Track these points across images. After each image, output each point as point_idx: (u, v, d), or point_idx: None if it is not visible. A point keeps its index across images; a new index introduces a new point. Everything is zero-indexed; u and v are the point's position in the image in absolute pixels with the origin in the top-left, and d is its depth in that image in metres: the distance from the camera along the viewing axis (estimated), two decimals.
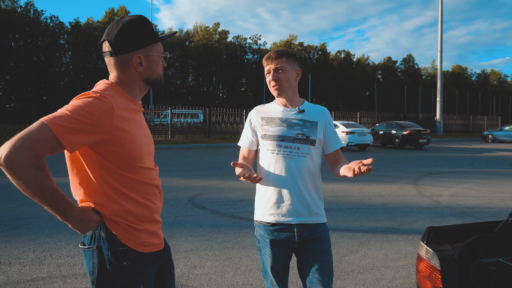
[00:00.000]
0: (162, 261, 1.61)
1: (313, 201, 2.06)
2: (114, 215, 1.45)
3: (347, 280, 3.66)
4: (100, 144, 1.39)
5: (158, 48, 1.54)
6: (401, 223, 5.65)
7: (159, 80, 1.57)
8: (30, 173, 1.24)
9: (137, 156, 1.47)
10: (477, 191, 8.26)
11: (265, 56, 2.11)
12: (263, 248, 2.08)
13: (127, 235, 1.46)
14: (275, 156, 2.04)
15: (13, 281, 3.50)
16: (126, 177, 1.46)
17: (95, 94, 1.38)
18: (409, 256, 4.31)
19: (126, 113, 1.45)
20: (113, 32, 1.45)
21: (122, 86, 1.51)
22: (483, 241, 1.80)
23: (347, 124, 19.67)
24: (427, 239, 1.84)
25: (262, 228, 2.07)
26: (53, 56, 48.04)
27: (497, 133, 29.69)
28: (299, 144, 2.04)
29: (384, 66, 75.20)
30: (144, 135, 1.54)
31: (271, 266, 2.04)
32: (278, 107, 2.14)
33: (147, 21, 1.51)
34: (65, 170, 1.50)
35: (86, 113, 1.31)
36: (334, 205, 6.75)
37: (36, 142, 1.24)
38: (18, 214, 5.85)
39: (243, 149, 2.19)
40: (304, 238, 2.02)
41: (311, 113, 2.12)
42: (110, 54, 1.47)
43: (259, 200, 2.11)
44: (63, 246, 4.43)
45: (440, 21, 35.13)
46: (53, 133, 1.26)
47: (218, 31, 61.04)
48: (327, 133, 2.14)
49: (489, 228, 1.93)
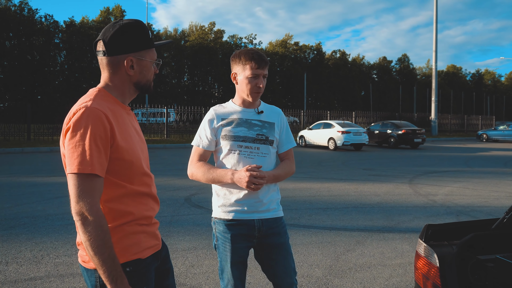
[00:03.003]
0: (159, 261, 1.60)
1: (270, 197, 2.12)
2: (112, 229, 1.43)
3: (344, 279, 3.68)
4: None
5: (152, 54, 1.54)
6: (397, 222, 5.69)
7: (148, 86, 1.56)
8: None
9: (134, 160, 1.46)
10: (472, 190, 8.32)
11: (254, 56, 2.05)
12: (221, 245, 2.09)
13: (126, 250, 1.45)
14: (236, 156, 2.06)
15: (10, 280, 3.49)
16: (124, 187, 1.45)
17: (85, 108, 1.37)
18: (405, 255, 4.34)
19: (116, 118, 1.44)
20: (108, 33, 1.46)
21: (111, 90, 1.51)
22: (480, 239, 1.82)
23: (343, 123, 19.73)
24: (425, 237, 1.87)
25: (222, 224, 2.08)
26: (48, 55, 47.82)
27: (491, 133, 29.89)
28: (259, 144, 2.09)
29: (379, 66, 75.49)
30: (136, 140, 1.54)
31: (231, 262, 2.05)
32: (238, 107, 2.15)
33: (144, 26, 1.52)
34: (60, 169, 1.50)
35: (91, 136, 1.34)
36: (330, 204, 6.78)
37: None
38: (14, 213, 5.83)
39: (199, 150, 2.14)
40: (264, 232, 2.08)
41: (269, 114, 2.17)
42: (103, 53, 1.48)
43: (218, 198, 2.13)
44: (60, 246, 4.42)
45: (435, 21, 35.30)
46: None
47: (214, 30, 60.97)
48: (282, 133, 2.20)
49: (486, 226, 1.96)
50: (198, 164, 2.11)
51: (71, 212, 1.34)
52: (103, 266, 1.30)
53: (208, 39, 58.25)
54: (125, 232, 1.44)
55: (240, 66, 2.07)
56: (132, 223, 1.46)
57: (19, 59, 44.89)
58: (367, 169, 11.85)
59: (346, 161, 14.12)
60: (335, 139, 18.87)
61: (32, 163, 12.48)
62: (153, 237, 1.56)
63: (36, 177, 9.36)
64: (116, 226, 1.43)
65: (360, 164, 13.43)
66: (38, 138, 20.49)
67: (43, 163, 12.66)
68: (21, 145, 17.69)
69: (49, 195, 7.23)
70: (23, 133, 20.23)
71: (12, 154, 15.62)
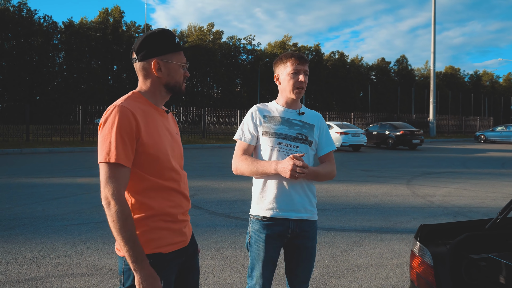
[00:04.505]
0: (184, 258, 1.69)
1: (308, 198, 2.14)
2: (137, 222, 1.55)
3: (342, 279, 3.72)
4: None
5: (179, 57, 1.67)
6: (395, 223, 5.73)
7: (178, 87, 1.69)
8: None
9: (160, 155, 1.58)
10: (470, 191, 8.38)
11: (293, 54, 2.15)
12: (255, 243, 2.12)
13: (149, 243, 1.55)
14: (276, 153, 2.10)
15: (11, 280, 3.52)
16: (149, 180, 1.56)
17: (115, 107, 1.53)
18: (402, 255, 4.38)
19: (144, 117, 1.57)
20: (138, 42, 1.64)
21: (144, 93, 1.67)
22: (474, 239, 1.86)
23: (341, 124, 19.79)
24: (420, 236, 1.91)
25: (258, 223, 2.12)
26: (46, 56, 47.80)
27: (489, 134, 29.99)
28: (298, 143, 2.13)
29: (377, 67, 75.57)
30: (167, 139, 1.66)
31: (263, 262, 2.09)
32: (280, 107, 2.21)
33: (169, 32, 1.66)
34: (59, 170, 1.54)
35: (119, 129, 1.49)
36: (328, 205, 6.82)
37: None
38: (14, 214, 5.85)
39: (243, 144, 2.19)
40: (296, 234, 2.11)
41: (309, 116, 2.22)
42: (135, 60, 1.65)
43: (256, 195, 2.17)
44: (60, 246, 4.45)
45: (433, 23, 35.42)
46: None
47: (213, 31, 60.98)
48: (321, 135, 2.23)
49: (480, 226, 2.00)
50: (242, 158, 2.15)
51: (71, 213, 1.43)
52: (125, 246, 1.44)
53: (207, 40, 58.28)
54: (149, 227, 1.56)
55: (281, 66, 2.17)
56: (156, 218, 1.57)
57: (17, 59, 44.89)
58: (365, 170, 11.90)
59: (344, 162, 14.16)
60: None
61: (31, 164, 12.49)
62: (178, 234, 1.64)
63: (35, 178, 9.37)
64: (141, 219, 1.55)
65: (358, 165, 13.48)
66: (36, 139, 20.50)
67: (42, 164, 12.67)
68: (19, 146, 17.70)
69: (49, 196, 7.26)
70: (22, 134, 20.23)
71: (11, 155, 15.64)
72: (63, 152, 17.06)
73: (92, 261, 4.03)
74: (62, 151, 17.48)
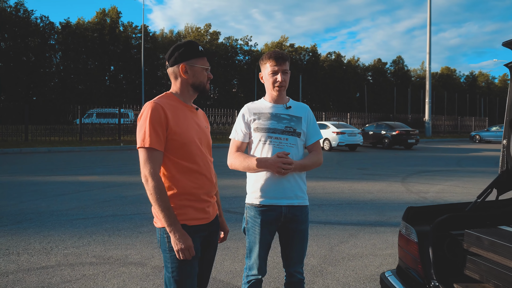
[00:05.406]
0: (206, 233, 2.01)
1: (298, 185, 2.35)
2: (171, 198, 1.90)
3: (337, 267, 3.92)
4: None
5: (202, 62, 2.01)
6: (389, 217, 5.94)
7: (202, 87, 2.03)
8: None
9: (187, 142, 1.90)
10: (462, 188, 8.60)
11: (272, 55, 2.34)
12: (251, 228, 2.35)
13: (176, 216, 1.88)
14: (267, 146, 2.32)
15: (23, 269, 3.70)
16: (177, 164, 1.90)
17: (149, 103, 1.89)
18: (395, 246, 4.57)
19: (173, 111, 1.91)
20: (168, 51, 2.02)
21: (176, 93, 2.02)
22: (455, 219, 2.07)
23: (338, 124, 20.01)
24: (407, 217, 2.11)
25: (253, 209, 2.34)
26: (43, 56, 47.73)
27: (484, 134, 30.31)
28: (287, 135, 2.34)
29: (374, 67, 75.88)
30: (195, 129, 1.97)
31: (259, 244, 2.32)
32: (268, 103, 2.42)
33: (193, 43, 2.01)
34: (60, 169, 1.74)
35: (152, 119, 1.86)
36: (325, 201, 7.02)
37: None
38: (19, 210, 6.02)
39: (236, 142, 2.42)
40: (289, 218, 2.32)
41: (296, 109, 2.43)
42: (167, 67, 2.04)
43: (251, 185, 2.39)
44: (67, 238, 4.63)
45: (429, 24, 35.73)
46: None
47: (209, 32, 61.10)
48: (309, 126, 2.44)
49: (461, 208, 2.20)
50: (236, 155, 2.38)
51: (75, 208, 1.71)
52: (162, 213, 1.81)
53: (204, 41, 58.40)
54: (176, 204, 1.90)
55: (263, 66, 2.40)
56: (181, 197, 1.91)
57: (14, 60, 44.80)
58: (361, 169, 12.12)
59: (341, 161, 14.38)
60: (330, 140, 19.14)
61: (31, 163, 12.64)
62: (201, 211, 1.96)
63: (37, 176, 9.53)
64: (170, 196, 1.88)
65: (354, 164, 13.70)
66: (35, 138, 20.62)
67: (42, 163, 12.82)
68: (19, 145, 17.82)
69: (52, 193, 7.43)
70: (21, 134, 20.34)
71: (11, 154, 15.76)
72: (62, 152, 17.20)
73: (100, 252, 4.21)
74: (61, 150, 17.61)
